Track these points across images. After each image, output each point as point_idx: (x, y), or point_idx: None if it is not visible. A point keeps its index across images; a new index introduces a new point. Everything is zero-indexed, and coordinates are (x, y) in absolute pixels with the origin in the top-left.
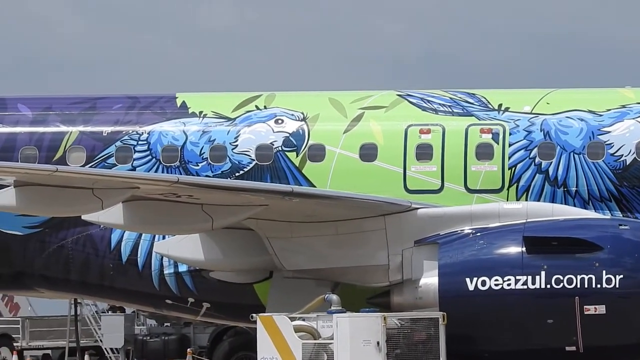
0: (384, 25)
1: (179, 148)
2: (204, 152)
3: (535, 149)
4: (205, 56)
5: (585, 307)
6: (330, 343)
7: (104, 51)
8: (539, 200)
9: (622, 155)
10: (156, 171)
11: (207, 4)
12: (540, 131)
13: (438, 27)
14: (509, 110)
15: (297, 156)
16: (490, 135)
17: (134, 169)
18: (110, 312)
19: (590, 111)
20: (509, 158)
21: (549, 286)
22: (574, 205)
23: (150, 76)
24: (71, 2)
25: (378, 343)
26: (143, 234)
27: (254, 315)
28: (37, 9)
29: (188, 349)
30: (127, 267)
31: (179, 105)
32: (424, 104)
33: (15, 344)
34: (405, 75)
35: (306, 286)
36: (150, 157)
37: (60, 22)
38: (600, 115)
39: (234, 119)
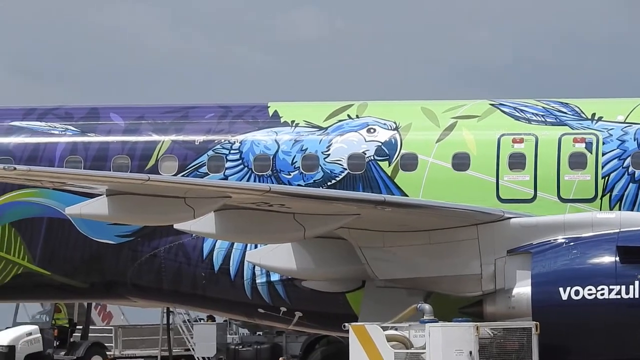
0: (468, 32)
1: (271, 157)
2: (296, 161)
3: (629, 158)
4: (297, 65)
5: None
6: (423, 353)
7: (196, 61)
8: (632, 210)
9: None
10: (248, 180)
11: (297, 13)
12: (634, 140)
13: (523, 33)
14: (602, 119)
15: (389, 165)
16: (583, 145)
17: (225, 178)
18: (203, 321)
19: None
20: (602, 167)
21: None
22: None
23: (243, 86)
24: (165, 14)
25: (470, 353)
26: (235, 243)
27: (346, 324)
28: (131, 20)
29: (280, 358)
30: (219, 276)
31: (271, 114)
32: (517, 113)
33: (108, 353)
34: (493, 82)
35: (398, 295)
36: (242, 166)
37: (153, 33)
38: None
39: (326, 128)
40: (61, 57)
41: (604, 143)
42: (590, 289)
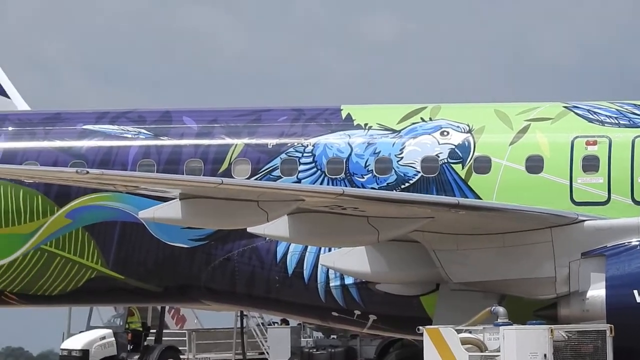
0: (542, 33)
1: (344, 160)
2: (369, 164)
3: None
4: (369, 68)
5: None
6: (497, 355)
7: (269, 64)
8: None
9: None
10: (321, 183)
11: (370, 17)
12: None
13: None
14: None
15: (462, 168)
16: None
17: (299, 181)
18: (277, 325)
19: None
20: None
21: None
22: None
23: (316, 88)
24: (238, 17)
25: (545, 355)
26: (309, 246)
27: (420, 327)
28: (206, 23)
29: None
30: (293, 280)
31: (344, 117)
32: (591, 116)
33: (182, 357)
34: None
35: (473, 298)
36: (315, 169)
37: (227, 36)
38: None
39: (399, 130)
40: (134, 60)
41: None
42: None
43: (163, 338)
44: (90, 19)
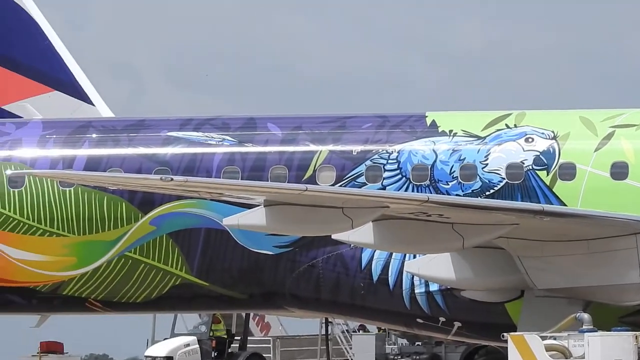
0: (626, 39)
1: (429, 167)
2: (454, 171)
3: None
4: (454, 75)
5: None
6: None
7: (354, 71)
8: None
9: None
10: (406, 190)
11: (455, 24)
12: None
13: None
14: None
15: (547, 175)
16: None
17: (383, 188)
18: (362, 332)
19: None
20: None
21: None
22: None
23: (401, 95)
24: (323, 24)
25: None
26: (394, 253)
27: (505, 334)
28: (291, 30)
29: None
30: (378, 286)
31: (428, 124)
32: None
33: None
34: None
35: (558, 305)
36: (400, 176)
37: (311, 43)
38: None
39: (484, 137)
40: (218, 67)
41: None
42: None
43: (247, 345)
44: (174, 26)
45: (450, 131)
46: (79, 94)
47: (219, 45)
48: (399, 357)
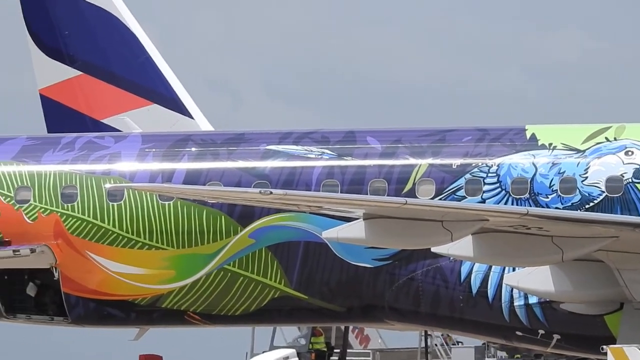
0: None
1: (529, 180)
2: (553, 184)
3: None
4: (553, 88)
5: None
6: None
7: (452, 84)
8: None
9: None
10: (505, 203)
11: (555, 35)
12: None
13: None
14: None
15: None
16: None
17: (483, 201)
18: (461, 345)
19: None
20: None
21: None
22: None
23: (500, 109)
24: (419, 39)
25: None
26: (493, 266)
27: (604, 347)
28: (387, 44)
29: None
30: (477, 299)
31: (528, 137)
32: None
33: None
34: None
35: None
36: (499, 189)
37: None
38: None
39: (584, 150)
40: (317, 81)
41: None
42: None
43: (347, 358)
44: (271, 39)
45: (550, 144)
46: (178, 107)
47: (317, 58)
48: None
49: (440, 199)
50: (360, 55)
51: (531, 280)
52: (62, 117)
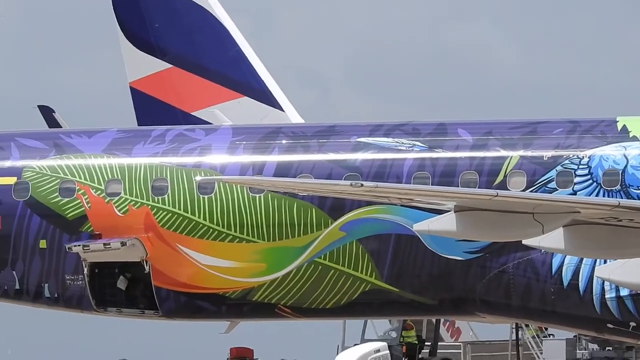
0: None
1: (620, 172)
2: None
3: None
4: None
5: None
6: None
7: (543, 76)
8: None
9: None
10: (597, 195)
11: None
12: None
13: None
14: None
15: None
16: None
17: (574, 193)
18: (552, 337)
19: None
20: None
21: None
22: None
23: (591, 100)
24: (509, 30)
25: None
26: (584, 258)
27: None
28: (478, 38)
29: None
30: (569, 292)
31: (619, 129)
32: None
33: None
34: None
35: None
36: (591, 181)
37: (499, 49)
38: None
39: None
40: (408, 73)
41: None
42: None
43: (438, 350)
44: (361, 31)
45: None
46: (269, 100)
47: (407, 51)
48: None
49: (531, 191)
50: (450, 47)
51: (623, 273)
52: (152, 110)
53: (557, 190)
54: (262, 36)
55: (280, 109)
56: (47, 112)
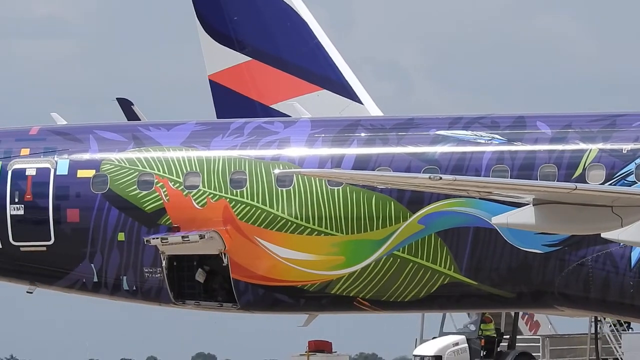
0: None
1: None
2: None
3: None
4: None
5: None
6: None
7: (622, 69)
8: None
9: None
10: None
11: None
12: None
13: None
14: None
15: None
16: None
17: None
18: (632, 331)
19: None
20: None
21: None
22: None
23: None
24: (585, 22)
25: None
26: None
27: None
28: (556, 30)
29: None
30: None
31: None
32: None
33: None
34: None
35: None
36: None
37: (577, 41)
38: None
39: None
40: (486, 65)
41: None
42: None
43: (516, 344)
44: (438, 23)
45: None
46: (348, 93)
47: (486, 42)
48: None
49: (610, 184)
50: (526, 39)
51: None
52: (231, 103)
53: (637, 183)
54: (341, 28)
55: (359, 101)
56: (125, 105)
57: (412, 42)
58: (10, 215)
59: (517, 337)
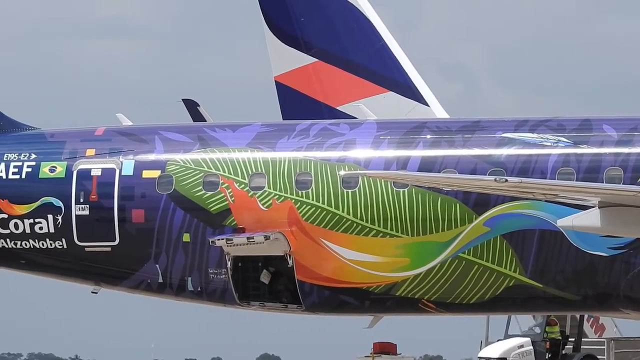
0: None
1: None
2: None
3: None
4: None
5: None
6: None
7: None
8: None
9: None
10: None
11: None
12: None
13: None
14: None
15: None
16: None
17: None
18: None
19: None
20: None
21: None
22: None
23: None
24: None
25: None
26: None
27: None
28: (621, 32)
29: None
30: None
31: None
32: None
33: None
34: None
35: None
36: None
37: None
38: None
39: None
40: (551, 68)
41: None
42: None
43: (582, 347)
44: (504, 25)
45: None
46: (414, 95)
47: (551, 45)
48: None
49: None
50: (591, 41)
51: None
52: (297, 104)
53: None
54: (406, 29)
55: (425, 103)
56: (191, 106)
57: (478, 42)
58: (76, 215)
59: (582, 339)
